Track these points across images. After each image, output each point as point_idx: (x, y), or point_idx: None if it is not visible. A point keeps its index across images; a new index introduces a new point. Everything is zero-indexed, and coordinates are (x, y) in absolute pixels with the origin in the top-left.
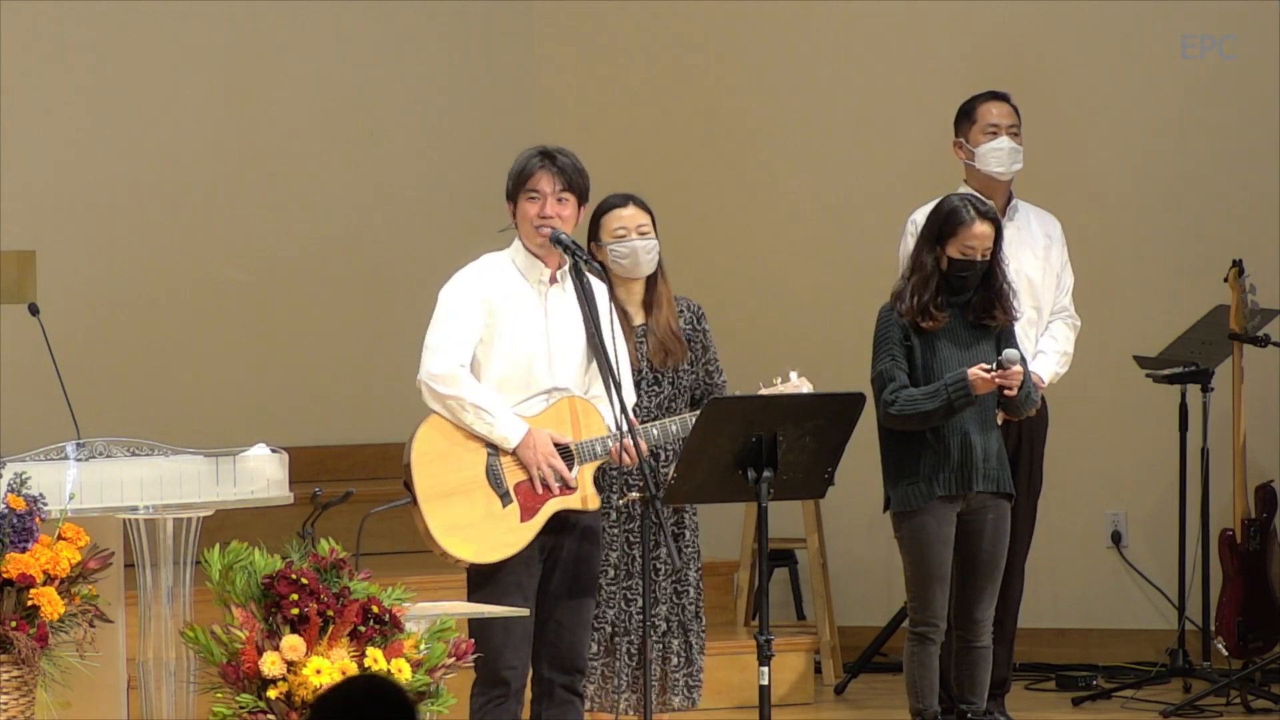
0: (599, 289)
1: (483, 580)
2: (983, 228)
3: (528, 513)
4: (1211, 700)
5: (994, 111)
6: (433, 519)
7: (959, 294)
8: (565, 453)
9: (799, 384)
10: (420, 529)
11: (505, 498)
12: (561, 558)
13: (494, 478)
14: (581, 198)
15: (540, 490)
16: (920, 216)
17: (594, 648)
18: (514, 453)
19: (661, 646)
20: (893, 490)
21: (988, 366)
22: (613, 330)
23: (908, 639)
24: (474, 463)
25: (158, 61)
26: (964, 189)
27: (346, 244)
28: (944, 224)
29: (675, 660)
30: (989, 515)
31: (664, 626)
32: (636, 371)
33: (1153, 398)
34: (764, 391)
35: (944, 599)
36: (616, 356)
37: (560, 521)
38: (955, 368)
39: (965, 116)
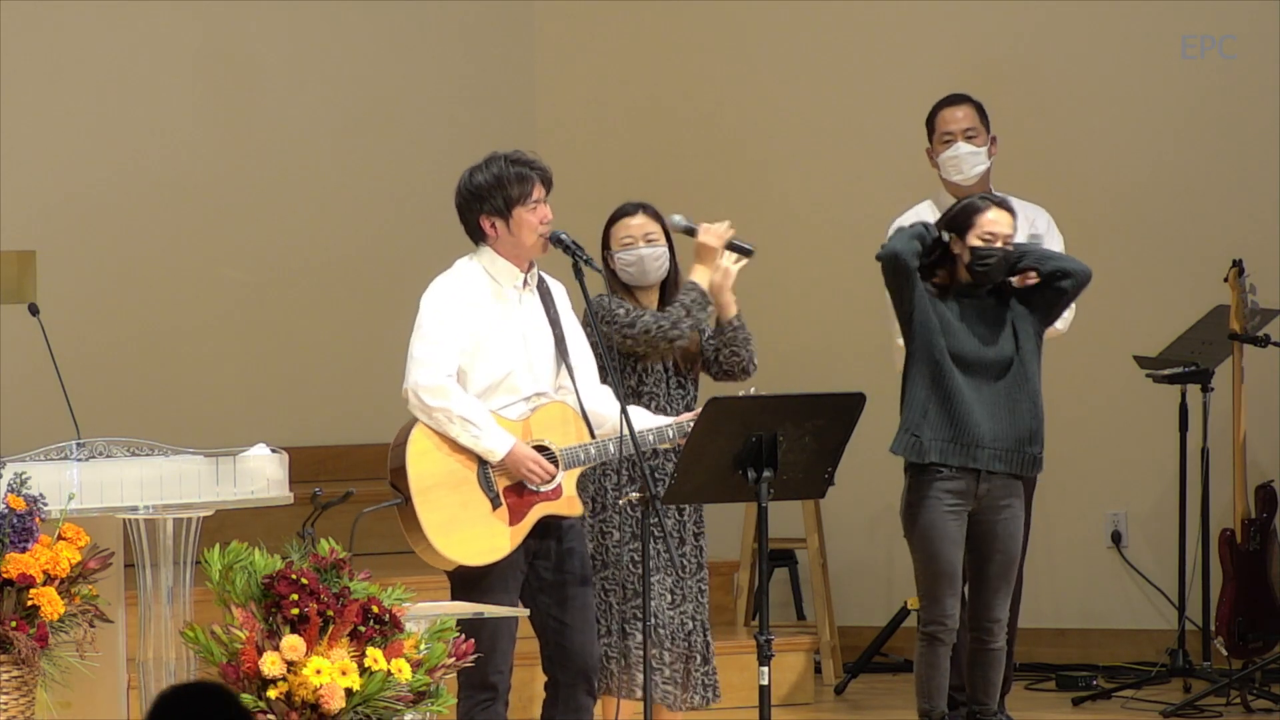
0: (556, 290)
1: (470, 583)
2: (999, 214)
3: (516, 516)
4: (1211, 700)
5: (948, 117)
6: (426, 518)
7: (978, 288)
8: (551, 459)
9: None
10: (411, 529)
11: (495, 501)
12: (550, 559)
13: (485, 481)
14: None
15: (531, 488)
16: (904, 221)
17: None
18: (499, 465)
19: (688, 645)
20: (900, 434)
21: None
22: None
23: (918, 639)
24: (467, 465)
25: (157, 62)
26: (940, 195)
27: (346, 244)
28: (958, 215)
29: (698, 659)
30: (1002, 515)
31: (690, 625)
32: (664, 379)
33: (1153, 398)
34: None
35: (955, 598)
36: (602, 353)
37: (543, 526)
38: (961, 334)
39: (928, 124)
